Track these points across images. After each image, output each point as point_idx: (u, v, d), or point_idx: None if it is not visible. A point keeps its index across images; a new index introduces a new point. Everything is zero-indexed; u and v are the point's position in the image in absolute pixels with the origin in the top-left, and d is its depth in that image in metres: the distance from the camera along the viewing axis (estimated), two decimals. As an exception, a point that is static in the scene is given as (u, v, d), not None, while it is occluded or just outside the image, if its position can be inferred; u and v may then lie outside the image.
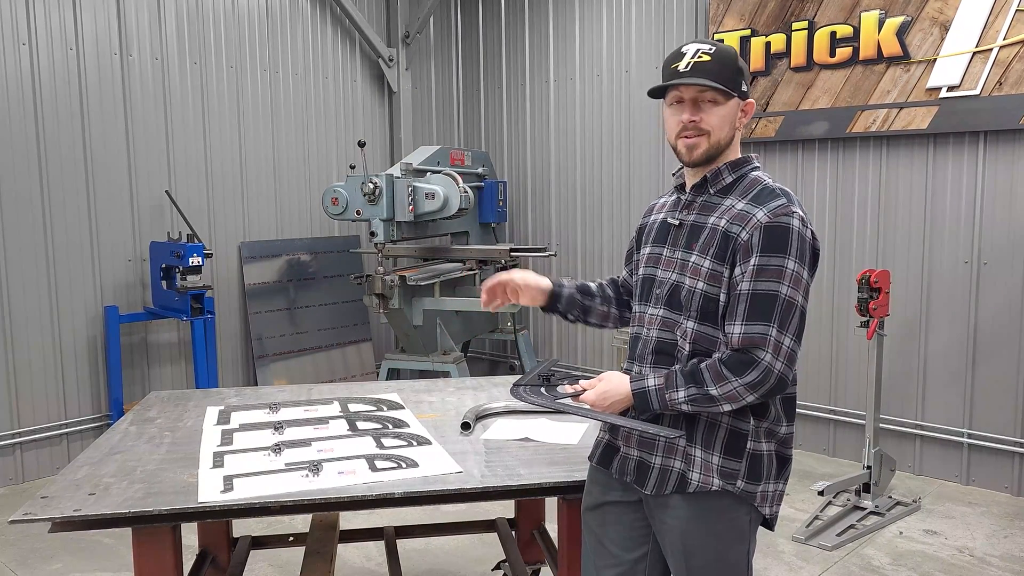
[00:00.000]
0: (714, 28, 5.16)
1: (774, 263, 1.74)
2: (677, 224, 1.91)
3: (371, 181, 5.02)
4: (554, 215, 6.46)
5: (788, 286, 1.74)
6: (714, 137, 1.83)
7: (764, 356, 1.72)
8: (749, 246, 1.75)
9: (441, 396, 3.06)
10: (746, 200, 1.82)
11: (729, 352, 1.75)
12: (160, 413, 2.84)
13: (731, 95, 1.82)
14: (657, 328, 1.90)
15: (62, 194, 4.87)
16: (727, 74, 1.81)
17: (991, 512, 4.19)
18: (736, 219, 1.79)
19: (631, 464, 1.93)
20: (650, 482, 1.88)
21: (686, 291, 1.84)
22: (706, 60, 1.80)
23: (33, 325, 4.78)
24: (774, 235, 1.74)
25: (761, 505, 1.86)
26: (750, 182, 1.86)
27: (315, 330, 6.15)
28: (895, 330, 4.60)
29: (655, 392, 1.79)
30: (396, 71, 6.70)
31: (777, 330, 1.73)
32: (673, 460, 1.85)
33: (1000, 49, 4.16)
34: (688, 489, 1.83)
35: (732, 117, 1.85)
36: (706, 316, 1.82)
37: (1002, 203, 4.34)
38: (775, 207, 1.77)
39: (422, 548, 3.80)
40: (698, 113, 1.82)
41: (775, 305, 1.73)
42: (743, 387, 1.73)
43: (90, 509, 1.95)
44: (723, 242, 1.79)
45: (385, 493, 2.06)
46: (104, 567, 3.67)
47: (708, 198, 1.88)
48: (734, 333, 1.75)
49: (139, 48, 5.20)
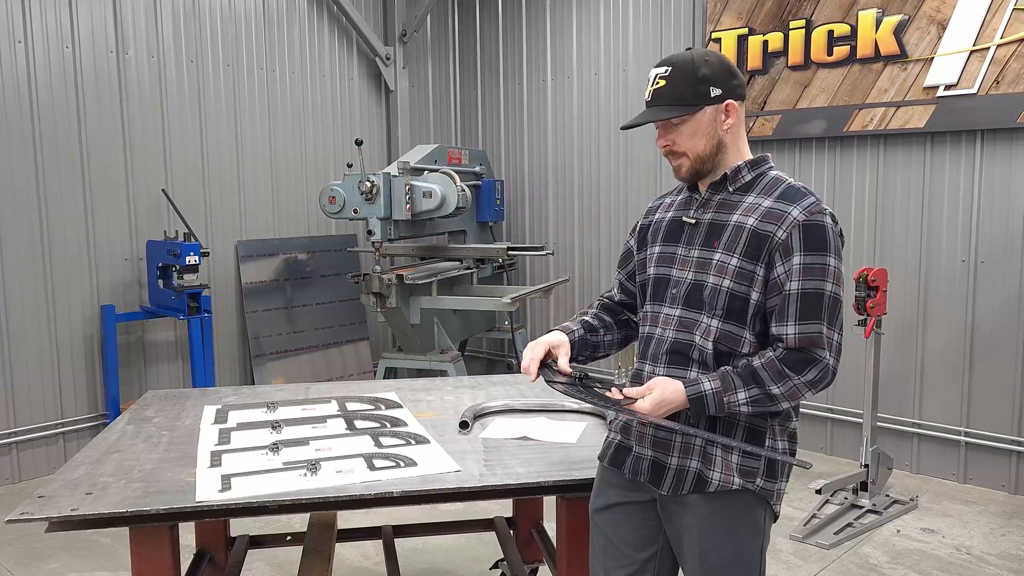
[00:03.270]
0: (711, 27, 5.16)
1: (818, 262, 1.75)
2: (693, 223, 1.90)
3: (368, 180, 5.02)
4: (551, 214, 6.46)
5: (832, 283, 1.77)
6: (692, 154, 1.84)
7: (824, 354, 1.75)
8: (789, 245, 1.76)
9: (439, 395, 3.05)
10: (772, 198, 1.82)
11: (785, 351, 1.76)
12: (157, 412, 2.83)
13: (696, 108, 1.81)
14: (674, 328, 1.88)
15: (58, 193, 4.86)
16: (688, 89, 1.80)
17: (988, 510, 4.19)
18: (768, 217, 1.79)
19: (645, 464, 1.92)
20: (666, 482, 1.88)
21: (710, 289, 1.83)
22: (662, 85, 1.82)
23: (30, 324, 4.77)
24: (814, 234, 1.76)
25: (776, 503, 1.88)
26: (771, 180, 1.86)
27: (312, 329, 6.14)
28: (892, 329, 4.61)
29: (712, 396, 1.76)
30: (393, 70, 6.69)
31: (828, 327, 1.75)
32: (690, 460, 1.85)
33: (997, 48, 4.17)
34: (708, 489, 1.83)
35: (708, 127, 1.83)
36: (731, 315, 1.81)
37: (999, 202, 4.34)
38: (809, 205, 1.78)
39: (420, 547, 3.80)
40: (670, 136, 1.85)
41: (823, 303, 1.75)
42: (804, 384, 1.75)
43: (88, 508, 1.95)
44: (754, 240, 1.79)
45: (383, 492, 2.06)
46: (102, 566, 3.67)
47: (727, 196, 1.88)
48: (788, 333, 1.75)
49: (135, 46, 5.18)
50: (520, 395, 2.97)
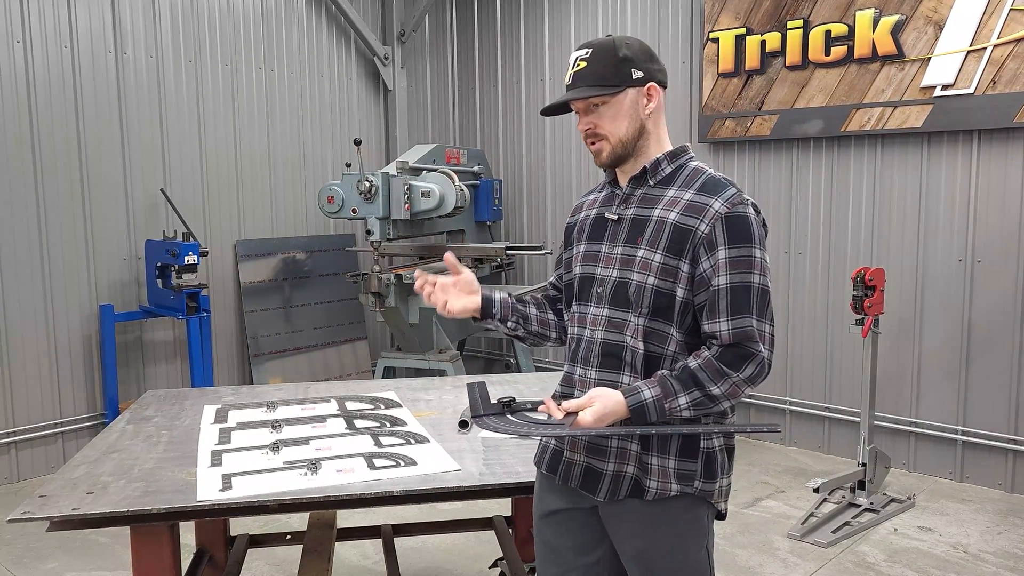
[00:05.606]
0: (709, 27, 5.17)
1: (744, 254, 1.73)
2: (615, 219, 1.86)
3: (367, 179, 5.02)
4: (549, 213, 6.46)
5: (759, 274, 1.74)
6: (614, 138, 1.81)
7: (759, 347, 1.72)
8: (713, 239, 1.73)
9: (438, 394, 3.06)
10: (693, 190, 1.79)
11: (720, 348, 1.72)
12: (157, 412, 2.83)
13: (618, 89, 1.78)
14: (603, 329, 1.83)
15: (57, 192, 4.85)
16: (609, 70, 1.77)
17: (985, 509, 4.21)
18: (689, 211, 1.76)
19: (577, 470, 1.86)
20: (602, 489, 1.81)
21: (635, 287, 1.78)
22: (583, 67, 1.79)
23: (28, 323, 4.77)
24: (737, 226, 1.73)
25: (717, 501, 1.84)
26: (691, 172, 1.83)
27: (311, 328, 6.14)
28: (889, 328, 4.62)
29: (653, 404, 1.71)
30: (391, 69, 6.70)
31: (759, 320, 1.73)
32: (626, 465, 1.79)
33: (994, 48, 4.18)
34: (646, 496, 1.78)
35: (630, 109, 1.80)
36: (658, 312, 1.77)
37: (996, 201, 4.36)
38: (730, 197, 1.75)
39: (419, 546, 3.80)
40: (591, 119, 1.82)
41: (752, 295, 1.72)
42: (743, 380, 1.72)
43: (88, 508, 1.95)
44: (677, 235, 1.75)
45: (384, 491, 2.07)
46: (100, 566, 3.67)
47: (648, 190, 1.84)
48: (721, 330, 1.72)
49: (134, 46, 5.18)
50: (519, 395, 2.98)
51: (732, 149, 5.29)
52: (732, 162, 5.27)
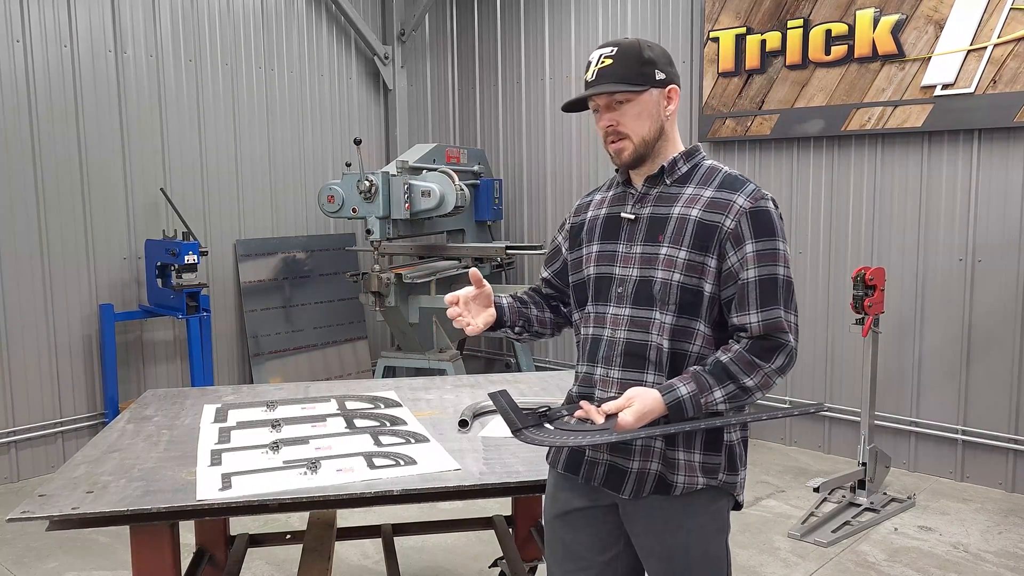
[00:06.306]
0: (710, 26, 5.17)
1: (769, 247, 1.76)
2: (633, 218, 1.87)
3: (367, 179, 5.02)
4: (550, 213, 6.46)
5: (783, 266, 1.78)
6: (637, 136, 1.83)
7: (788, 338, 1.76)
8: (739, 233, 1.76)
9: (439, 394, 3.06)
10: (712, 188, 1.82)
11: (750, 341, 1.75)
12: (157, 411, 2.83)
13: (643, 88, 1.80)
14: (625, 328, 1.84)
15: (57, 192, 4.85)
16: (633, 69, 1.79)
17: (985, 508, 4.21)
18: (713, 207, 1.78)
19: (600, 468, 1.87)
20: (627, 487, 1.82)
21: (660, 285, 1.79)
22: (608, 64, 1.80)
23: (28, 323, 4.77)
24: (760, 220, 1.77)
25: (738, 493, 1.88)
26: (707, 170, 1.87)
27: (311, 328, 6.14)
28: (890, 327, 4.62)
29: (690, 399, 1.72)
30: (392, 69, 6.69)
31: (786, 310, 1.77)
32: (650, 462, 1.81)
33: (994, 47, 4.18)
34: (674, 492, 1.80)
35: (652, 109, 1.82)
36: (684, 308, 1.78)
37: (996, 201, 4.35)
38: (752, 192, 1.79)
39: (419, 546, 3.80)
40: (614, 116, 1.82)
41: (778, 287, 1.76)
42: (774, 371, 1.75)
43: (88, 507, 1.95)
44: (701, 231, 1.77)
45: (384, 491, 2.06)
46: (100, 565, 3.67)
47: (664, 189, 1.86)
48: (752, 321, 1.75)
49: (134, 45, 5.18)
50: (519, 394, 2.98)
51: (732, 149, 5.29)
52: (732, 162, 5.27)
